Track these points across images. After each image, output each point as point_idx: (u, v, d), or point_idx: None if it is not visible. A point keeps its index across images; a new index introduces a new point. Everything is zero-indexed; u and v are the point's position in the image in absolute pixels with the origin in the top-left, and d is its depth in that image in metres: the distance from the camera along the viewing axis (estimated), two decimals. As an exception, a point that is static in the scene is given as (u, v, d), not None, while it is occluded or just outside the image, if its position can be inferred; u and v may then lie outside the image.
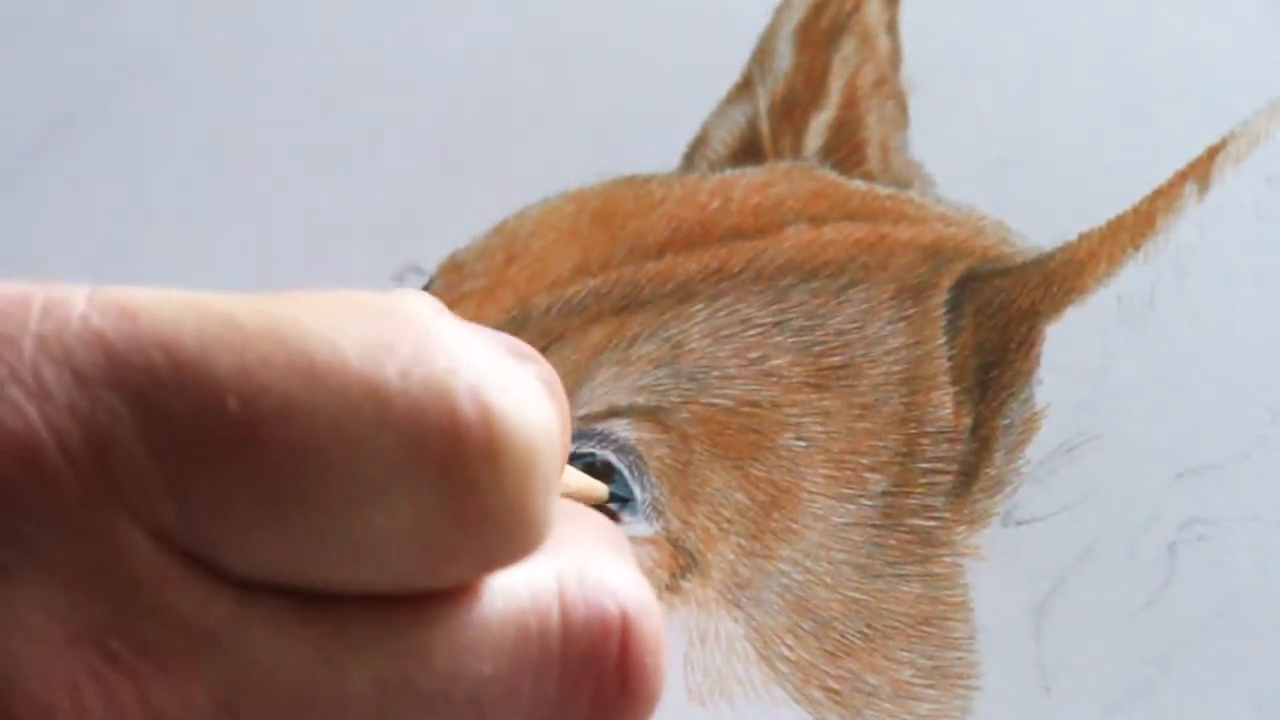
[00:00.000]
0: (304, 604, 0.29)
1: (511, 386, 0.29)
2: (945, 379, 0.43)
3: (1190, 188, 0.44)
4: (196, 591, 0.29)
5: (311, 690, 0.29)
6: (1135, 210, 0.44)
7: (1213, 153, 0.44)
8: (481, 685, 0.30)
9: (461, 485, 0.29)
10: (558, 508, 0.30)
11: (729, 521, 0.43)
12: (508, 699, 0.31)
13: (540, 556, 0.31)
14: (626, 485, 0.43)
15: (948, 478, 0.43)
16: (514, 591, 0.31)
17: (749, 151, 0.47)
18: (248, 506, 0.28)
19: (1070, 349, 0.43)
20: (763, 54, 0.47)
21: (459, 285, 0.46)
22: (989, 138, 0.46)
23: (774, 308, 0.44)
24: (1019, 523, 0.42)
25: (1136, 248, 0.44)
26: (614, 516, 0.43)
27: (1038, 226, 0.45)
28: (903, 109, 0.46)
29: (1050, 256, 0.44)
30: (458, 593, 0.30)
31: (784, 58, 0.47)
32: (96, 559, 0.28)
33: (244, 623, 0.29)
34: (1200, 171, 0.44)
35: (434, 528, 0.29)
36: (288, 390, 0.28)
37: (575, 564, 0.32)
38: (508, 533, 0.29)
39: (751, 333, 0.44)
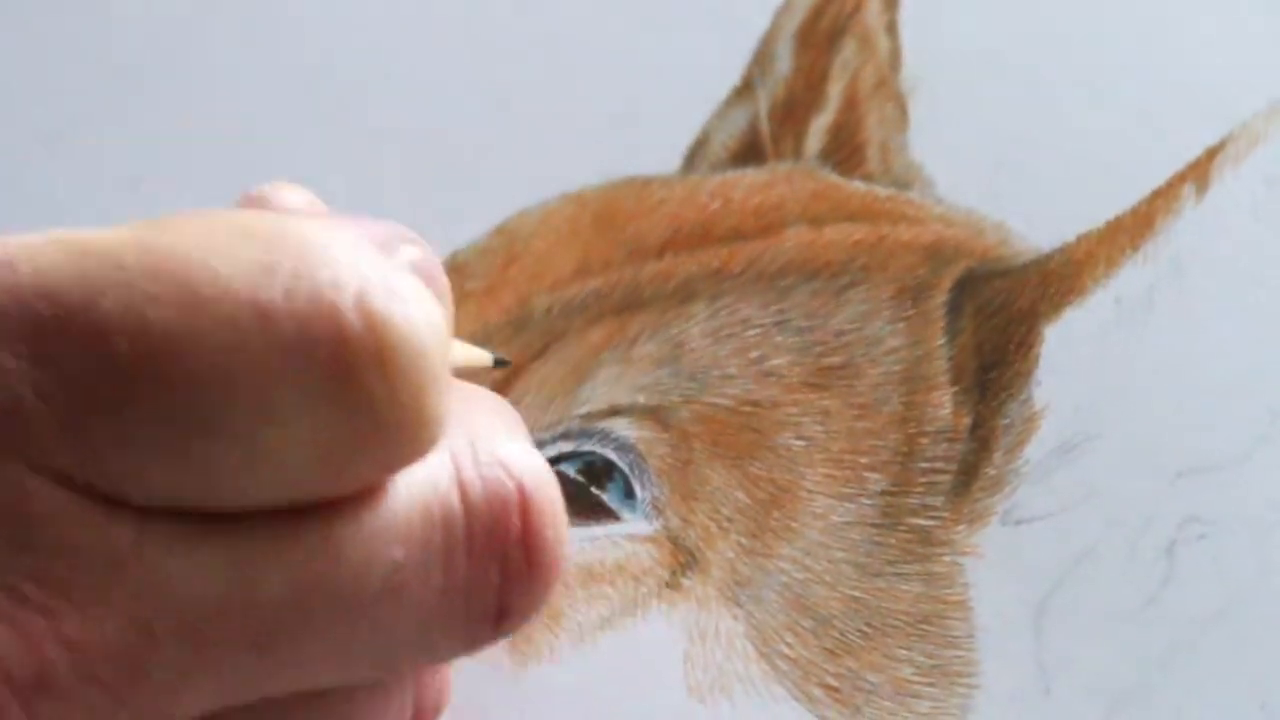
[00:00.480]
0: (208, 521, 0.29)
1: (394, 288, 0.29)
2: (945, 379, 0.44)
3: (1189, 189, 0.44)
4: (97, 524, 0.29)
5: (226, 601, 0.29)
6: (1134, 212, 0.44)
7: (1211, 154, 0.45)
8: (394, 573, 0.31)
9: (354, 396, 0.29)
10: (450, 401, 0.30)
11: (729, 520, 0.43)
12: (421, 583, 0.31)
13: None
14: (628, 483, 0.43)
15: (947, 477, 0.43)
16: (413, 478, 0.31)
17: (750, 153, 0.47)
18: (145, 441, 0.29)
19: (1069, 349, 0.44)
20: (763, 56, 0.48)
21: (460, 285, 0.46)
22: (988, 139, 0.46)
23: (774, 308, 0.45)
24: (1018, 522, 0.42)
25: (1135, 249, 0.44)
26: (613, 515, 0.43)
27: (1037, 228, 0.45)
28: (902, 111, 0.47)
29: (1049, 257, 0.44)
30: (362, 490, 0.31)
31: (784, 60, 0.48)
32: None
33: (148, 546, 0.29)
34: (1199, 173, 0.44)
35: (331, 440, 0.29)
36: (175, 324, 0.28)
37: (468, 443, 0.32)
38: (404, 435, 0.30)
39: (752, 333, 0.44)
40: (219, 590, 0.29)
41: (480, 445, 0.32)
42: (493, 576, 0.32)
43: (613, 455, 0.43)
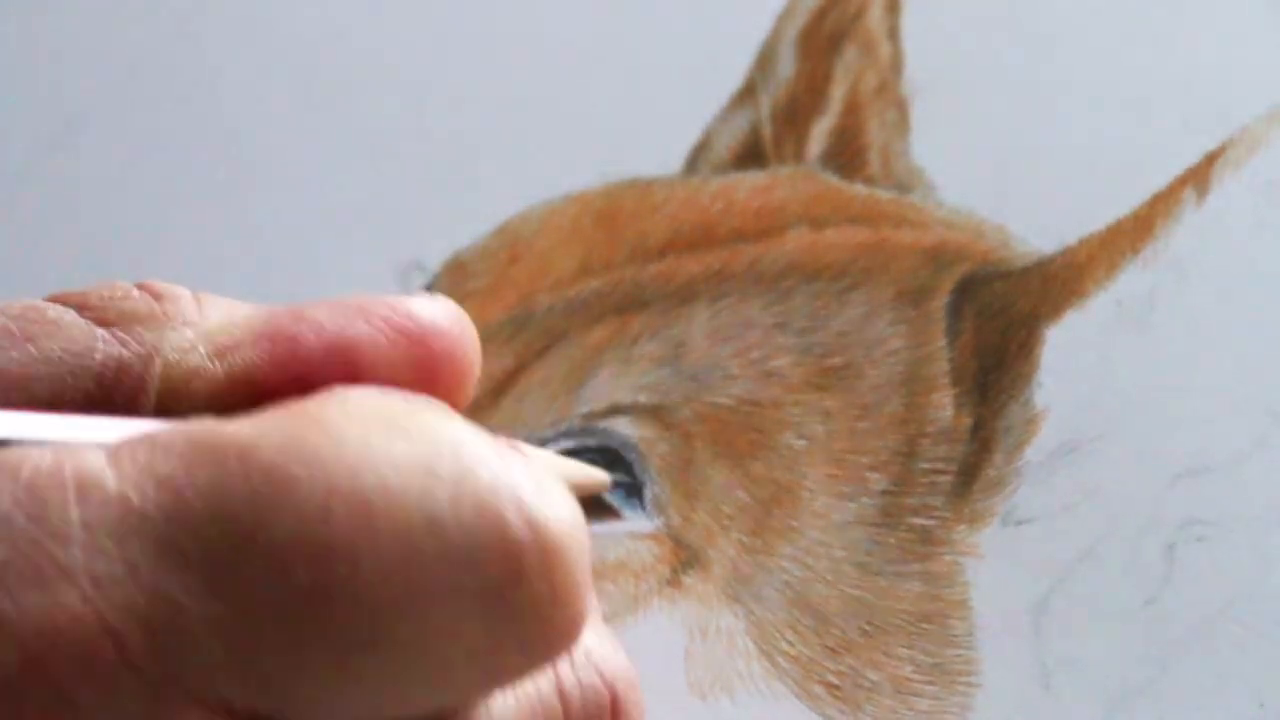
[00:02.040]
0: None
1: (545, 489, 0.29)
2: (946, 381, 0.44)
3: (1189, 193, 0.45)
4: None
5: None
6: (1135, 215, 0.45)
7: (1212, 158, 0.45)
8: None
9: (522, 601, 0.29)
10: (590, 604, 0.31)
11: (730, 518, 0.43)
12: None
13: None
14: (635, 478, 0.43)
15: (948, 478, 0.43)
16: (522, 690, 0.32)
17: (751, 156, 0.47)
18: (320, 667, 0.28)
19: (1070, 352, 0.44)
20: (765, 60, 0.48)
21: (462, 284, 0.46)
22: (990, 143, 0.46)
23: (776, 309, 0.45)
24: (1019, 522, 0.42)
25: (1136, 252, 0.44)
26: (614, 512, 0.43)
27: (1038, 231, 0.45)
28: (904, 115, 0.47)
29: (1050, 260, 0.45)
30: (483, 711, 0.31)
31: (786, 64, 0.48)
32: None
33: None
34: (1199, 177, 0.45)
35: (494, 645, 0.29)
36: (352, 544, 0.28)
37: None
38: (560, 633, 0.30)
39: (753, 333, 0.44)
40: None
41: (583, 650, 0.33)
42: None
43: (618, 448, 0.43)
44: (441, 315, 0.34)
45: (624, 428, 0.43)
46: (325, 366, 0.33)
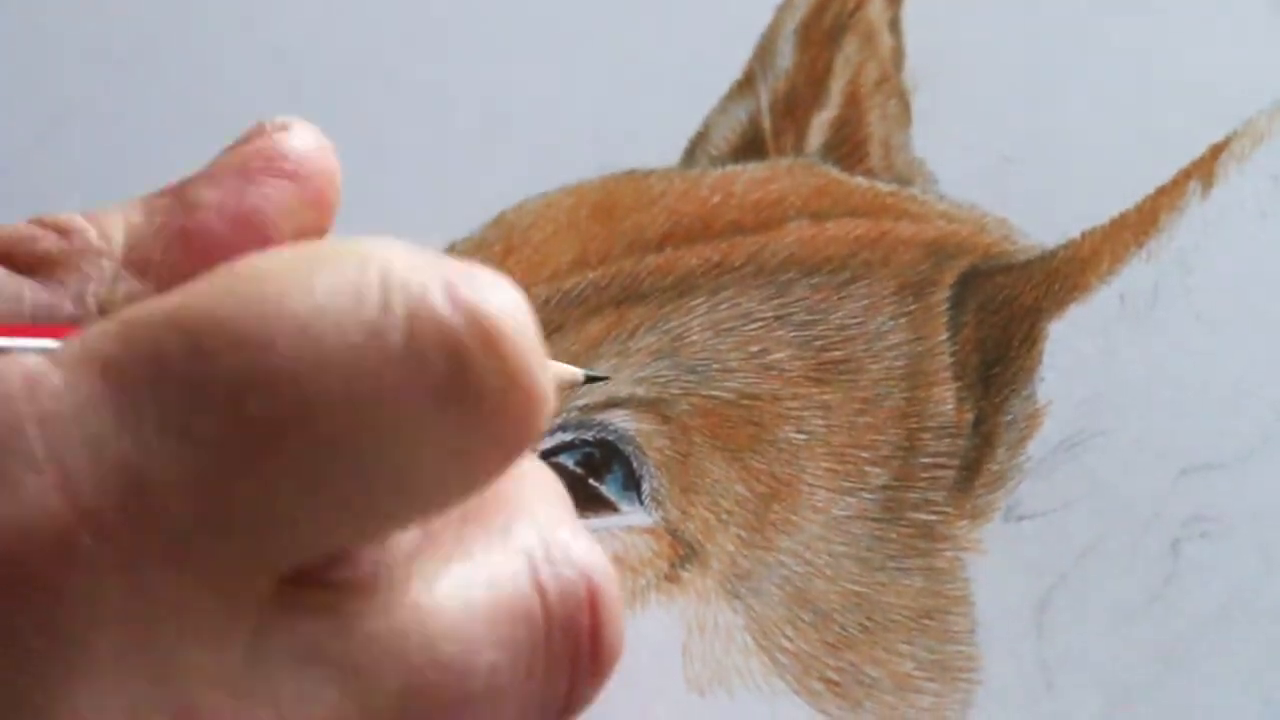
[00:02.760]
0: (321, 627, 0.29)
1: (474, 275, 0.30)
2: (947, 375, 0.43)
3: (1194, 186, 0.44)
4: (219, 633, 0.28)
5: (340, 714, 0.29)
6: (1138, 208, 0.44)
7: (1216, 151, 0.44)
8: (493, 675, 0.31)
9: (474, 386, 0.29)
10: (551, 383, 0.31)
11: (728, 513, 0.42)
12: (512, 686, 0.32)
13: (504, 537, 0.32)
14: (633, 474, 0.43)
15: (949, 473, 0.42)
16: (496, 578, 0.32)
17: (750, 148, 0.47)
18: (291, 494, 0.28)
19: (1073, 346, 0.43)
20: (765, 51, 0.47)
21: (457, 276, 0.46)
22: (992, 136, 0.46)
23: (775, 302, 0.44)
24: (1021, 518, 0.42)
25: (1140, 246, 0.44)
26: (611, 506, 0.42)
27: (1041, 224, 0.45)
28: (905, 107, 0.46)
29: (1053, 254, 0.44)
30: (451, 587, 0.31)
31: (786, 55, 0.47)
32: (133, 637, 0.28)
33: (266, 663, 0.29)
34: (1204, 170, 0.44)
35: (463, 439, 0.29)
36: (296, 366, 0.28)
37: (539, 541, 0.33)
38: (524, 415, 0.30)
39: (752, 326, 0.44)
40: (337, 704, 0.29)
41: (550, 542, 0.33)
42: (564, 673, 0.33)
43: (615, 441, 0.43)
44: (310, 143, 0.37)
45: (622, 421, 0.43)
46: (238, 241, 0.35)
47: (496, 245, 0.46)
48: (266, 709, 0.29)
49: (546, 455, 0.43)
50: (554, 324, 0.45)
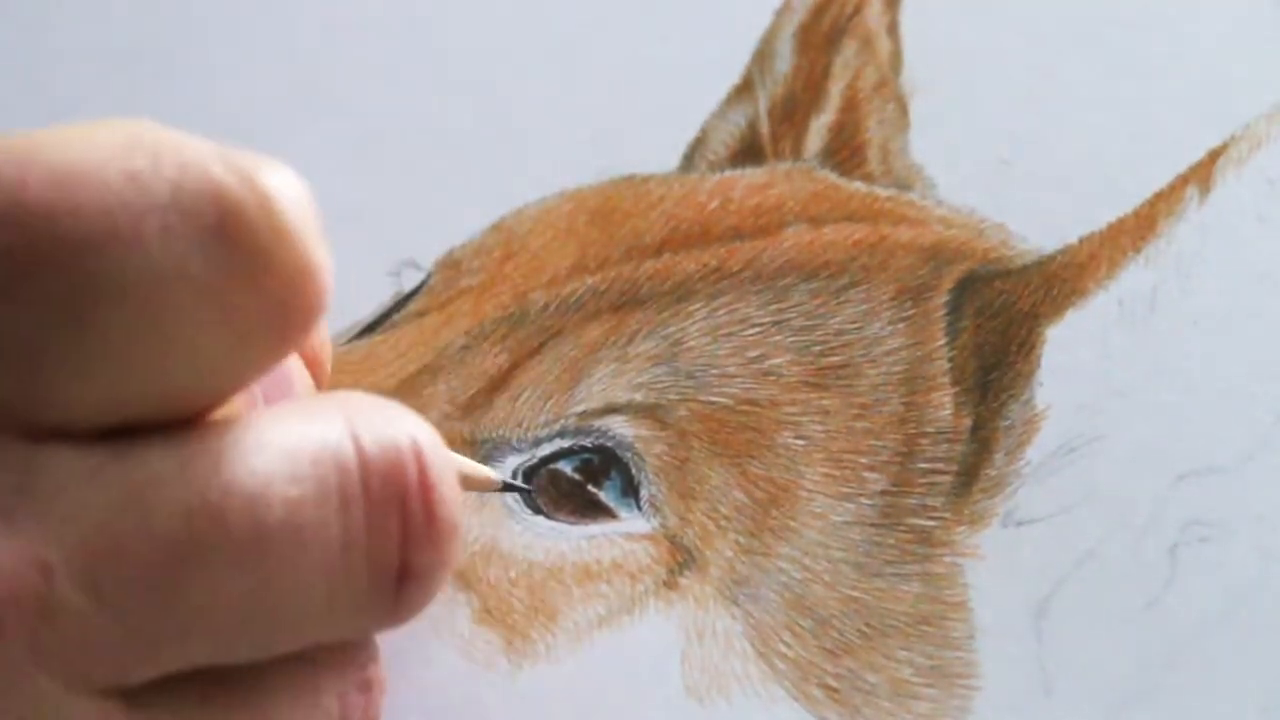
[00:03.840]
0: (100, 453, 0.29)
1: (257, 159, 0.30)
2: (945, 380, 0.43)
3: (1192, 191, 0.44)
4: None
5: (122, 536, 0.29)
6: (1136, 213, 0.44)
7: (1214, 156, 0.44)
8: (292, 509, 0.30)
9: (248, 247, 0.29)
10: (330, 262, 0.31)
11: (727, 519, 0.42)
12: (320, 528, 0.31)
13: (325, 404, 0.32)
14: (631, 480, 0.43)
15: (947, 478, 0.42)
16: (303, 426, 0.31)
17: (749, 152, 0.47)
18: (46, 334, 0.28)
19: (1071, 351, 0.43)
20: (763, 55, 0.47)
21: (456, 281, 0.46)
22: (990, 140, 0.46)
23: (773, 307, 0.44)
24: (1019, 523, 0.42)
25: (1138, 250, 0.44)
26: (610, 513, 0.42)
27: (1039, 229, 0.45)
28: (903, 112, 0.46)
29: (1051, 259, 0.44)
30: (247, 425, 0.31)
31: (784, 60, 0.47)
32: None
33: (42, 476, 0.29)
34: (1202, 174, 0.44)
35: (230, 295, 0.29)
36: (49, 202, 0.28)
37: (360, 408, 0.32)
38: (299, 284, 0.30)
39: (751, 332, 0.44)
40: (115, 524, 0.29)
41: (372, 410, 0.33)
42: (392, 528, 0.32)
43: (614, 448, 0.43)
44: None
45: (620, 427, 0.43)
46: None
47: (495, 250, 0.46)
48: (36, 526, 0.29)
49: (545, 462, 0.43)
50: (553, 329, 0.45)
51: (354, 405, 0.33)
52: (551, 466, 0.43)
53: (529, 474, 0.43)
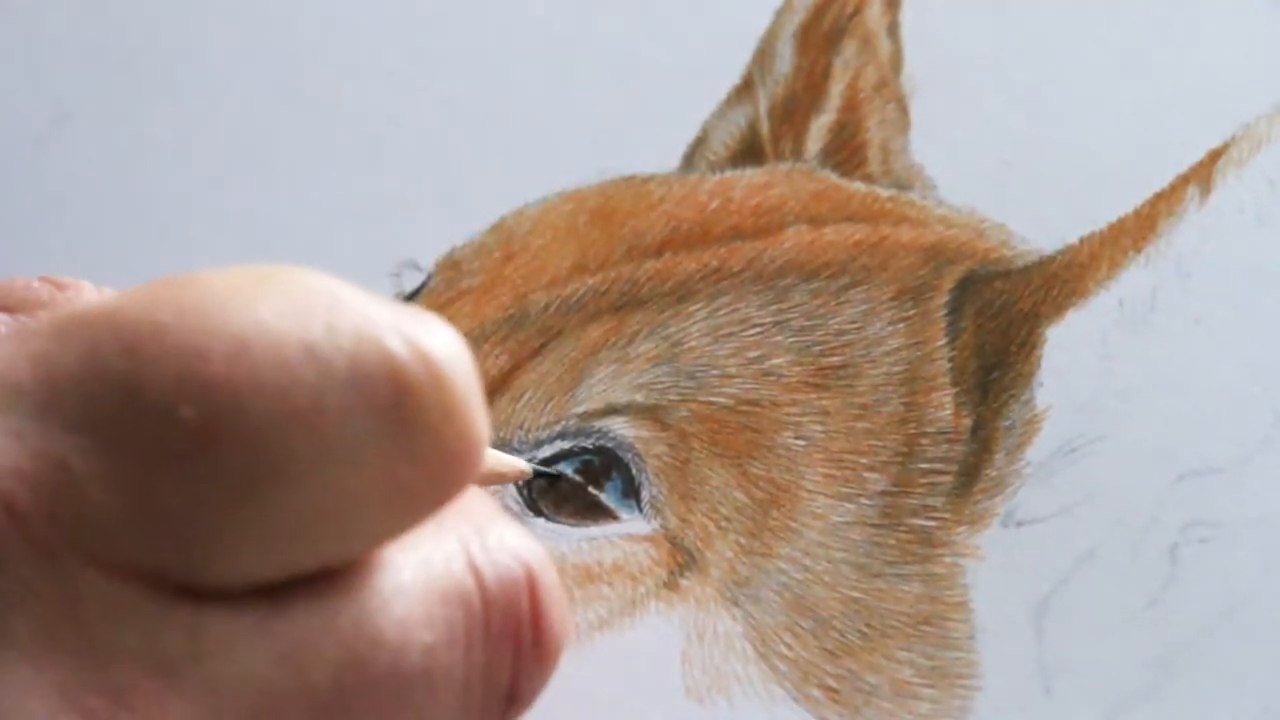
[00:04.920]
0: (255, 611, 0.29)
1: (421, 317, 0.30)
2: (945, 380, 0.43)
3: (1192, 191, 0.44)
4: (154, 624, 0.28)
5: (280, 693, 0.29)
6: (1137, 213, 0.44)
7: (1214, 156, 0.44)
8: (428, 655, 0.31)
9: (414, 420, 0.29)
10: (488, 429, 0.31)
11: (727, 519, 0.42)
12: (450, 668, 0.31)
13: (436, 528, 0.32)
14: (631, 481, 0.43)
15: (948, 478, 0.42)
16: (429, 561, 0.32)
17: (749, 153, 0.47)
18: (219, 506, 0.28)
19: (1071, 351, 0.43)
20: (763, 56, 0.47)
21: (456, 282, 0.46)
22: (990, 141, 0.46)
23: (774, 308, 0.44)
24: (1020, 523, 0.42)
25: (1138, 251, 0.44)
26: (610, 514, 0.42)
27: (1039, 229, 0.45)
28: (904, 112, 0.46)
29: (1051, 259, 0.44)
30: (383, 569, 0.31)
31: (784, 60, 0.47)
32: (56, 620, 0.28)
33: (204, 643, 0.29)
34: (1202, 175, 0.44)
35: (396, 471, 0.29)
36: (232, 377, 0.28)
37: (473, 530, 0.33)
38: (461, 456, 0.30)
39: (751, 332, 0.44)
40: (271, 685, 0.29)
41: (486, 531, 0.33)
42: (506, 659, 0.32)
43: (614, 449, 0.43)
44: None
45: (621, 428, 0.43)
46: None
47: (495, 251, 0.46)
48: (202, 690, 0.29)
49: (546, 463, 0.43)
50: (553, 330, 0.45)
51: (471, 525, 0.33)
52: (552, 468, 0.43)
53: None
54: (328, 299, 0.29)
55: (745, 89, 0.47)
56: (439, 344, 0.30)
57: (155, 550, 0.28)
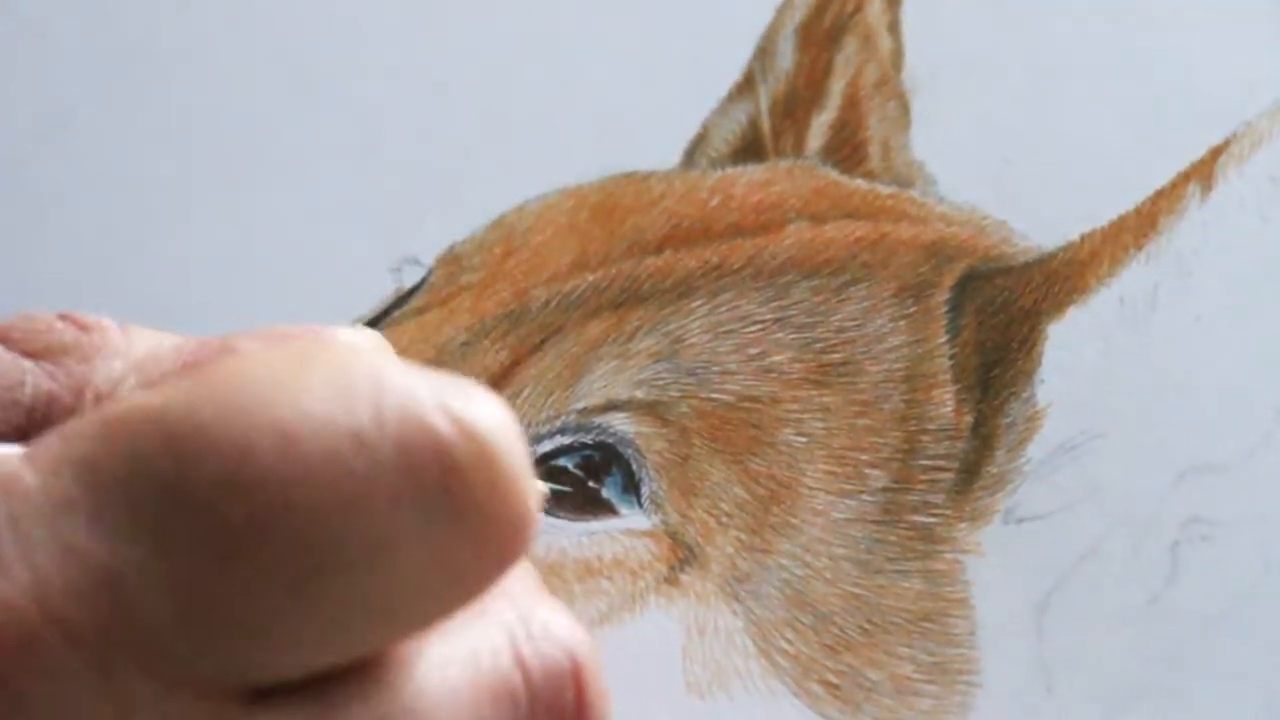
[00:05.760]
0: (306, 707, 0.29)
1: (466, 391, 0.29)
2: (946, 377, 0.43)
3: (1193, 188, 0.44)
4: None
5: None
6: (1138, 210, 0.44)
7: (1216, 153, 0.44)
8: None
9: (464, 499, 0.29)
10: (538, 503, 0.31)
11: (728, 515, 0.42)
12: None
13: (482, 615, 0.32)
14: (633, 477, 0.43)
15: (949, 475, 0.42)
16: (476, 654, 0.31)
17: (750, 150, 0.47)
18: (273, 603, 0.28)
19: (1072, 348, 0.43)
20: (764, 52, 0.47)
21: (456, 278, 0.46)
22: (991, 138, 0.46)
23: (775, 304, 0.44)
24: (1020, 520, 0.42)
25: (1139, 248, 0.44)
26: (611, 509, 0.42)
27: (1040, 226, 0.45)
28: (905, 109, 0.46)
29: (1052, 256, 0.44)
30: (431, 666, 0.31)
31: (786, 57, 0.47)
32: None
33: None
34: (1203, 172, 0.44)
35: (447, 551, 0.29)
36: (280, 472, 0.28)
37: (518, 617, 0.32)
38: (511, 532, 0.30)
39: (752, 329, 0.44)
40: None
41: (530, 618, 0.33)
42: None
43: (615, 445, 0.43)
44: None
45: (621, 424, 0.43)
46: None
47: (496, 247, 0.46)
48: None
49: (546, 458, 0.43)
50: (554, 326, 0.44)
51: (515, 611, 0.33)
52: (552, 463, 0.43)
53: (530, 471, 0.43)
54: (371, 380, 0.29)
55: (746, 86, 0.47)
56: (483, 416, 0.29)
57: (208, 655, 0.28)
